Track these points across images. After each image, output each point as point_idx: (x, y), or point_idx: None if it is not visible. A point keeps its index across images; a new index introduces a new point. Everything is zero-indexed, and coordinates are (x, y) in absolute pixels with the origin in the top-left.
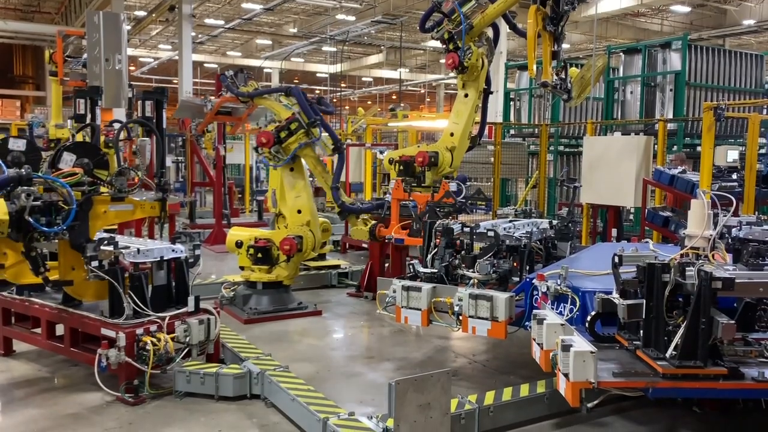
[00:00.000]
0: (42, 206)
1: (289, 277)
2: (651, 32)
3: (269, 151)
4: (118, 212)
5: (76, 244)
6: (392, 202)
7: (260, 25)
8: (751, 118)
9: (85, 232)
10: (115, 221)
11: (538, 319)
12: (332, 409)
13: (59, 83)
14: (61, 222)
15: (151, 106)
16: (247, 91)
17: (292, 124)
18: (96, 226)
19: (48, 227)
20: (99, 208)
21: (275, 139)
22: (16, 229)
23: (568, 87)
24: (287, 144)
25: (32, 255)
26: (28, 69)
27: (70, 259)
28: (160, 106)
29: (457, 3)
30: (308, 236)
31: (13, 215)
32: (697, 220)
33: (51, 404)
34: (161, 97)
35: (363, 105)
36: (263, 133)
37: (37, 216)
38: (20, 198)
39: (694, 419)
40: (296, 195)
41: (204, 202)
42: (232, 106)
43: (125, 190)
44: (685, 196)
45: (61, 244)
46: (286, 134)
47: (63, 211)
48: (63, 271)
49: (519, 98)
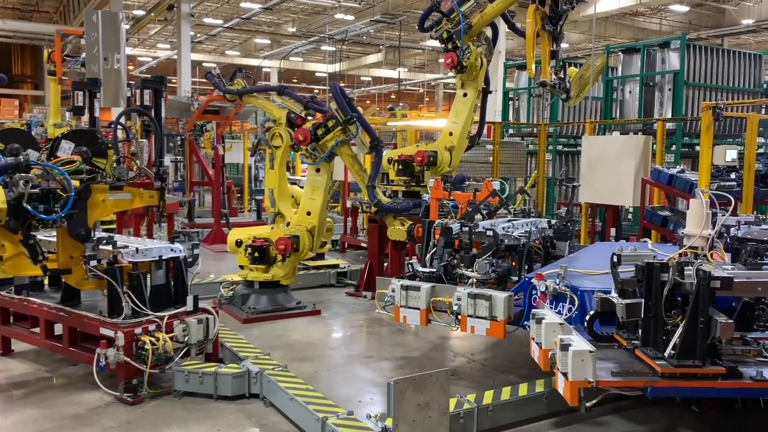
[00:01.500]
0: (40, 194)
1: (286, 276)
2: (650, 32)
3: (306, 148)
4: (116, 201)
5: (74, 233)
6: (431, 202)
7: (259, 24)
8: (750, 117)
9: (83, 220)
10: (113, 210)
11: (537, 319)
12: (331, 408)
13: (58, 82)
14: (59, 210)
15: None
16: (235, 89)
17: (330, 121)
18: (94, 215)
19: (46, 215)
20: (98, 197)
21: (312, 137)
22: (15, 217)
23: (567, 86)
24: (324, 141)
25: (30, 243)
26: (27, 68)
27: (69, 247)
28: (159, 95)
29: (456, 2)
30: (305, 236)
31: (11, 203)
32: (696, 220)
33: (49, 404)
34: (160, 86)
35: (362, 104)
36: (300, 130)
37: (35, 203)
38: (18, 185)
39: (693, 418)
40: (312, 197)
41: (203, 201)
42: (219, 105)
43: (124, 178)
44: (683, 195)
45: (60, 232)
46: (324, 131)
47: (61, 198)
48: (62, 259)
49: (518, 98)
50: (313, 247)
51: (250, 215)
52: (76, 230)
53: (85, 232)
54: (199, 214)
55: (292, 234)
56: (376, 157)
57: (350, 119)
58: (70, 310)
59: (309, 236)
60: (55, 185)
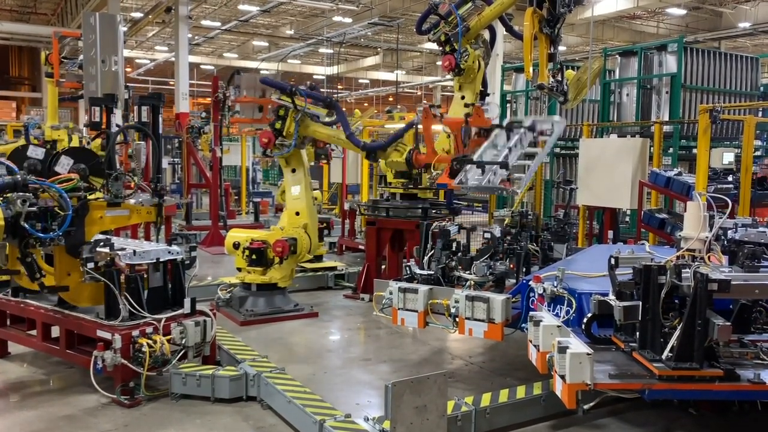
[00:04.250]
0: (38, 212)
1: (284, 279)
2: (647, 35)
3: (276, 146)
4: (114, 217)
5: (72, 251)
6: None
7: (257, 26)
8: (747, 120)
9: (81, 237)
10: (111, 226)
11: (535, 321)
12: (329, 411)
13: (55, 85)
14: (57, 228)
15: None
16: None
17: (280, 110)
18: (92, 232)
19: (44, 233)
20: (95, 214)
21: (275, 133)
22: (12, 235)
23: (565, 89)
24: (287, 129)
25: (28, 261)
26: (24, 70)
27: (66, 264)
28: (157, 111)
29: (454, 5)
30: (303, 238)
31: (8, 221)
32: (693, 222)
33: (46, 406)
34: (157, 103)
35: (360, 107)
36: (262, 134)
37: (33, 222)
38: (16, 204)
39: (690, 421)
40: (296, 197)
41: (200, 203)
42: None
43: (121, 195)
44: (680, 197)
45: (57, 249)
46: (281, 123)
47: (59, 216)
48: (59, 276)
49: (515, 100)
50: (311, 248)
51: (248, 217)
52: (73, 247)
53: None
54: (196, 217)
55: (290, 236)
56: (338, 114)
57: (291, 92)
58: (67, 313)
59: (306, 237)
60: (52, 203)
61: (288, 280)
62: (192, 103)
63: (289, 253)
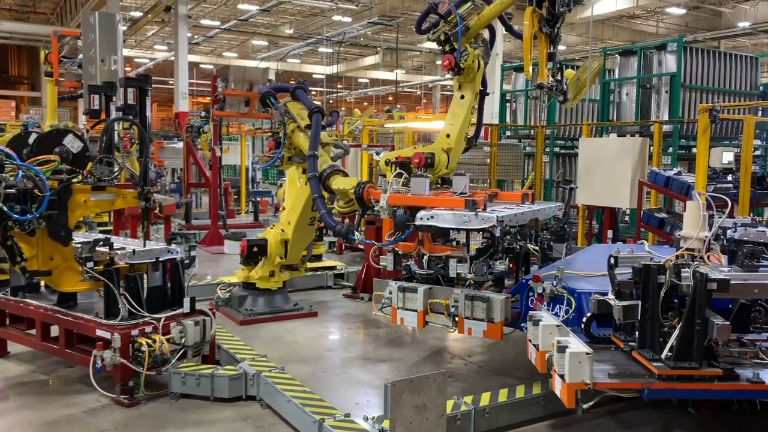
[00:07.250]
0: (17, 194)
1: (262, 279)
2: (646, 34)
3: (286, 158)
4: (98, 201)
5: (54, 234)
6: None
7: (256, 26)
8: (746, 119)
9: (64, 221)
10: (95, 210)
11: (534, 321)
12: (328, 410)
13: (54, 84)
14: (34, 211)
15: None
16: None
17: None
18: (76, 216)
19: (23, 215)
20: (79, 197)
21: (276, 144)
22: None
23: (564, 89)
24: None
25: (8, 244)
26: (24, 69)
27: (48, 249)
28: (144, 94)
29: (454, 5)
30: (275, 244)
31: None
32: (693, 222)
33: (45, 406)
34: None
35: (359, 106)
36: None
37: (11, 204)
38: None
39: (689, 420)
40: (292, 209)
41: (200, 203)
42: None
43: (105, 178)
44: (680, 197)
45: (39, 233)
46: (282, 131)
47: (38, 198)
48: (41, 261)
49: (515, 100)
50: (285, 257)
51: (247, 217)
52: (56, 231)
53: (65, 234)
54: (196, 216)
55: (262, 237)
56: (314, 125)
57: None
58: (67, 312)
59: (281, 246)
60: (32, 185)
61: (269, 282)
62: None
63: (261, 254)
